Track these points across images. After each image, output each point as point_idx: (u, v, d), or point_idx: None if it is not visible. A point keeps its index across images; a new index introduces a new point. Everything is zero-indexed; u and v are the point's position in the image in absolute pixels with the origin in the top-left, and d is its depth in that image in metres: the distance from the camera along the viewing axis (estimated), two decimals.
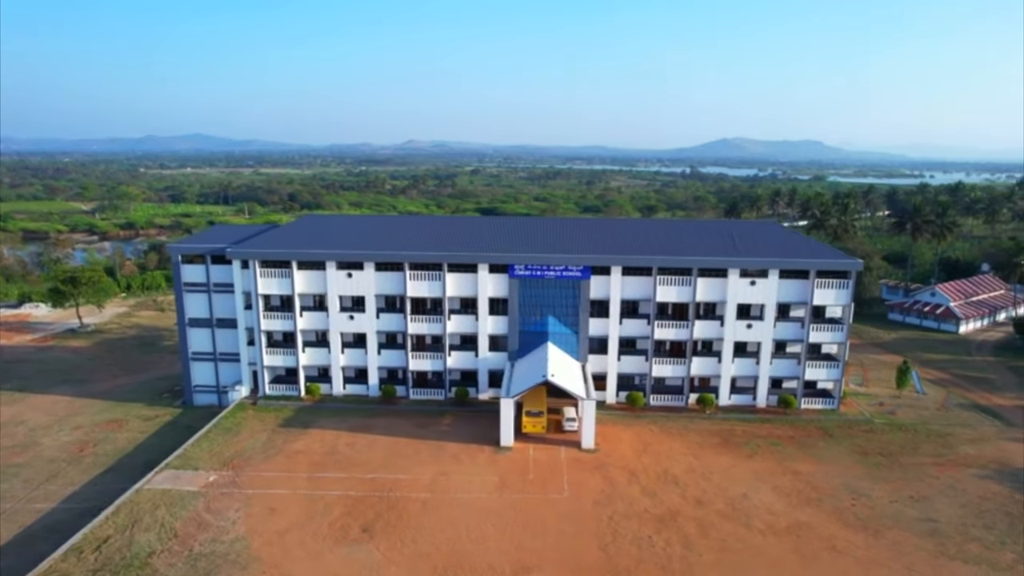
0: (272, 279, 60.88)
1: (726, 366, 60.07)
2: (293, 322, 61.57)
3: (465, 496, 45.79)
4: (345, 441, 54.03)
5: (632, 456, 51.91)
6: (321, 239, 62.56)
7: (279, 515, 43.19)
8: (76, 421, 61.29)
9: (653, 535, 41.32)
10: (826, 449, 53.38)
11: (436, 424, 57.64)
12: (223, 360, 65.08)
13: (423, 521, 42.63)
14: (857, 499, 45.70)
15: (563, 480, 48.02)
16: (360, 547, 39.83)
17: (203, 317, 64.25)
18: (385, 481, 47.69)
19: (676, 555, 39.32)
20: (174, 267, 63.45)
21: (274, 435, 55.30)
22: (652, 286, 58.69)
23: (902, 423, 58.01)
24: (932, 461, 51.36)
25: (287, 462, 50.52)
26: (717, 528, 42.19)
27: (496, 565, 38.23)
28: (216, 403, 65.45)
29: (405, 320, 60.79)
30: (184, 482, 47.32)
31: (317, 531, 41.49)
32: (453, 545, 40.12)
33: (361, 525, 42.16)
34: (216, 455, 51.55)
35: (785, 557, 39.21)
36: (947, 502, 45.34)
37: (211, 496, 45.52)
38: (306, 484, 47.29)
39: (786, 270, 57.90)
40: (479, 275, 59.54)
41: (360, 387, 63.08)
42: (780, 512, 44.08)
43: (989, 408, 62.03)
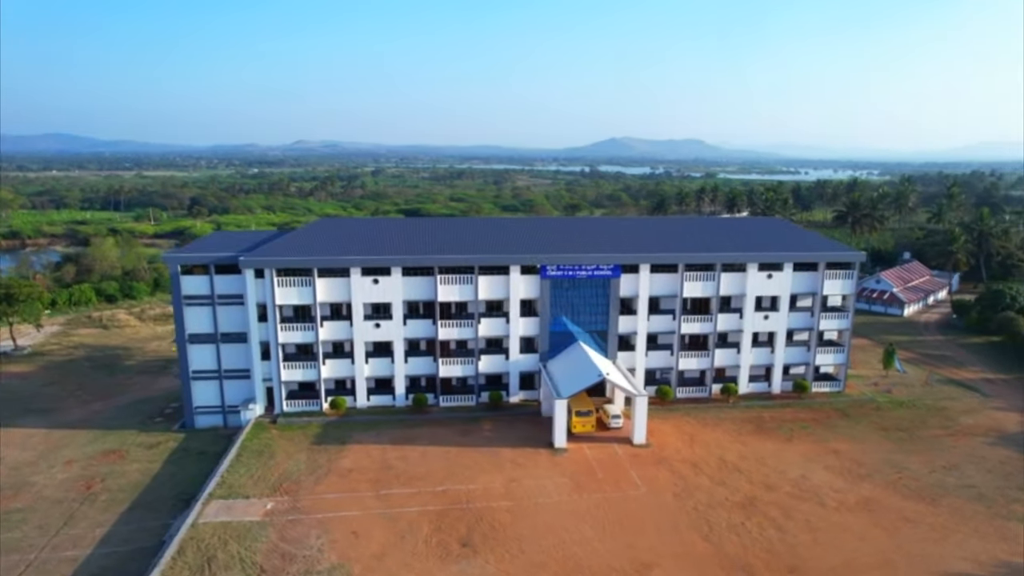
0: (291, 288, 57.17)
1: (745, 356, 63.03)
2: (314, 333, 58.14)
3: (547, 500, 45.35)
4: (394, 455, 51.82)
5: (684, 448, 53.40)
6: (340, 244, 59.36)
7: (366, 538, 40.87)
8: (63, 455, 54.71)
9: (744, 521, 42.85)
10: (850, 428, 57.36)
11: (478, 431, 56.48)
12: (229, 378, 60.33)
13: (519, 530, 41.82)
14: (900, 472, 49.55)
15: (633, 476, 48.65)
16: (469, 563, 38.52)
17: (206, 332, 59.24)
18: (458, 492, 46.28)
19: (774, 538, 41.03)
20: (172, 279, 58.05)
21: (313, 454, 52.07)
22: (679, 282, 60.50)
23: (901, 400, 63.33)
24: (944, 433, 56.52)
25: (343, 482, 47.78)
26: (796, 509, 44.37)
27: (616, 566, 38.25)
28: (221, 424, 60.62)
29: (435, 326, 59.04)
30: (240, 512, 43.64)
31: (416, 551, 39.68)
32: (562, 551, 39.69)
33: (458, 540, 40.75)
34: (260, 480, 47.88)
35: (869, 531, 41.89)
36: (975, 468, 50.13)
37: (279, 525, 42.31)
38: (377, 503, 45.00)
39: (798, 263, 61.60)
40: (511, 277, 58.89)
41: (384, 398, 60.57)
42: (843, 489, 46.99)
43: (962, 382, 68.95)
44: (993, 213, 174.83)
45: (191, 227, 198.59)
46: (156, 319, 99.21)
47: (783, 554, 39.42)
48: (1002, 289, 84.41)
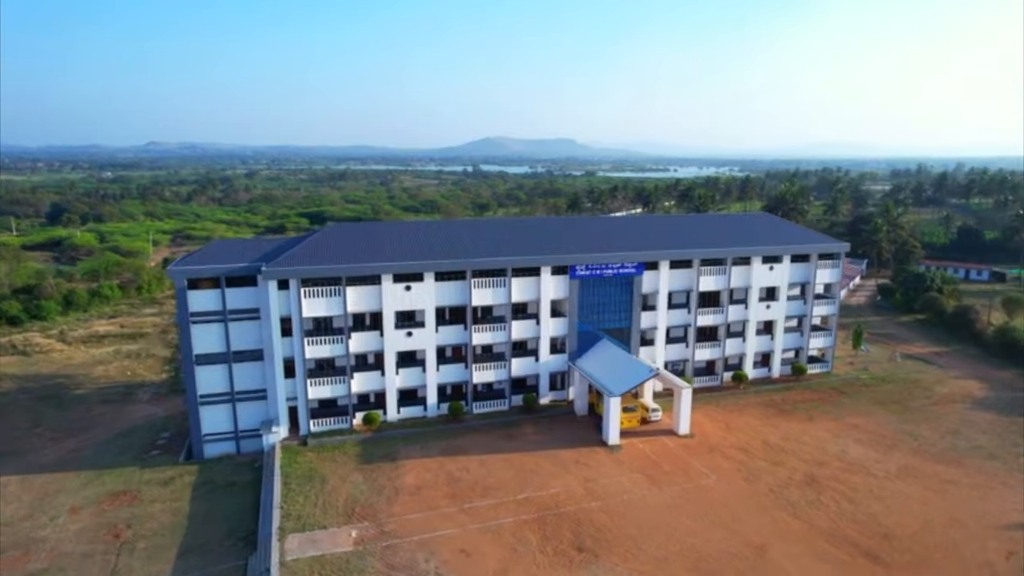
0: (318, 299, 53.36)
1: (750, 344, 66.96)
2: (344, 345, 54.65)
3: (632, 497, 45.87)
4: (454, 467, 50.03)
5: (725, 434, 55.92)
6: (364, 251, 56.01)
7: (479, 555, 39.35)
8: (61, 503, 47.74)
9: (818, 497, 45.79)
10: (853, 404, 62.69)
11: (521, 435, 55.77)
12: (242, 400, 55.33)
13: (624, 529, 42.04)
14: (917, 440, 55.02)
15: (697, 466, 50.32)
16: (597, 567, 38.26)
17: (216, 352, 53.93)
18: (542, 499, 45.63)
19: (852, 510, 44.21)
20: (178, 294, 52.24)
21: (367, 474, 49.05)
22: (695, 277, 63.14)
23: (881, 376, 70.04)
24: (929, 402, 63.28)
25: (418, 500, 45.49)
26: (852, 482, 48.02)
27: (734, 551, 39.59)
28: (234, 451, 55.51)
29: (468, 331, 57.52)
30: (327, 544, 40.41)
31: (538, 562, 38.79)
32: (676, 543, 40.44)
33: (572, 546, 40.31)
34: (328, 508, 44.50)
35: (923, 495, 46.24)
36: (972, 432, 56.66)
37: (377, 552, 39.65)
38: (466, 517, 43.35)
39: (795, 255, 66.35)
40: (542, 278, 58.64)
41: (415, 409, 58.13)
42: (881, 460, 51.44)
43: (918, 356, 77.35)
44: (857, 205, 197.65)
45: (70, 237, 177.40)
46: (85, 341, 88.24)
47: (868, 523, 42.62)
48: (923, 273, 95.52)
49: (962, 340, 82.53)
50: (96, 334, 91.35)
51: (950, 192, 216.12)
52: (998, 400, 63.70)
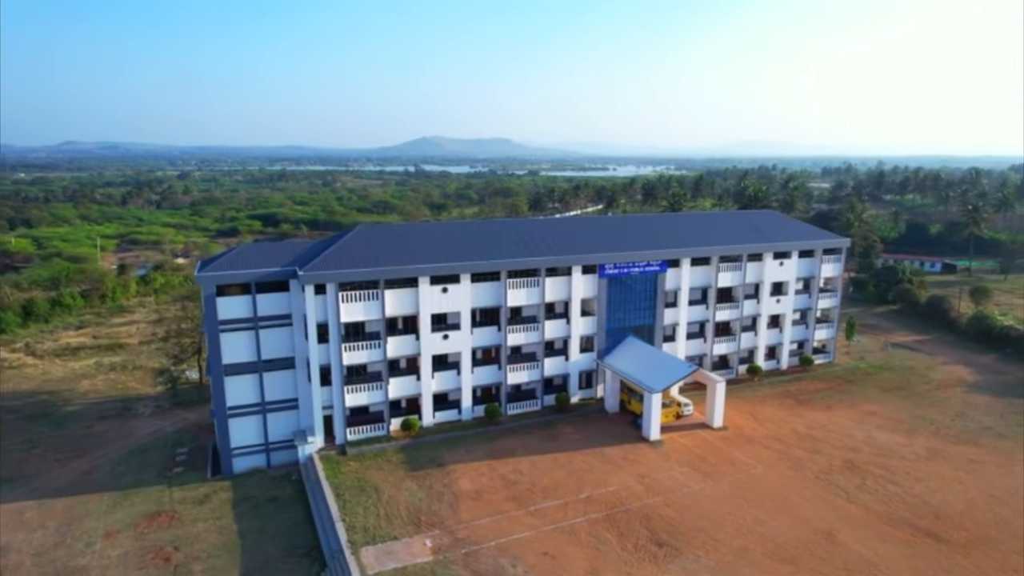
0: (356, 304, 51.79)
1: (762, 337, 69.12)
2: (381, 350, 53.22)
3: (690, 491, 46.64)
4: (506, 470, 49.58)
5: (756, 425, 57.55)
6: (399, 253, 54.56)
7: (563, 557, 39.21)
8: (91, 527, 44.70)
9: (864, 481, 47.79)
10: (862, 392, 65.65)
11: (561, 435, 55.77)
12: (273, 410, 53.18)
13: (694, 522, 42.71)
14: (932, 423, 58.16)
15: (741, 457, 51.62)
16: (683, 560, 38.76)
17: (246, 361, 51.63)
18: (604, 496, 45.81)
19: (898, 491, 46.35)
20: (206, 301, 49.69)
21: (420, 481, 47.99)
22: (714, 274, 64.71)
23: (878, 364, 73.61)
24: (929, 387, 66.96)
25: (481, 504, 44.87)
26: (889, 465, 50.36)
27: (805, 538, 40.85)
28: (264, 465, 53.29)
29: (502, 332, 57.07)
30: (405, 555, 39.37)
31: (624, 559, 38.98)
32: (749, 533, 41.39)
33: (651, 541, 40.69)
34: (392, 517, 43.33)
35: (957, 475, 48.93)
36: (977, 413, 60.32)
37: (460, 561, 38.92)
38: (536, 520, 43.05)
39: (802, 251, 68.93)
40: (573, 277, 58.80)
41: (450, 413, 57.23)
42: (906, 444, 54.13)
43: (904, 345, 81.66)
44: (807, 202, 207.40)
45: (3, 244, 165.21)
46: (59, 354, 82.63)
47: (917, 504, 44.81)
48: (895, 266, 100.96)
49: (939, 328, 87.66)
50: (68, 347, 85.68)
51: (886, 189, 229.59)
52: (989, 383, 68.04)
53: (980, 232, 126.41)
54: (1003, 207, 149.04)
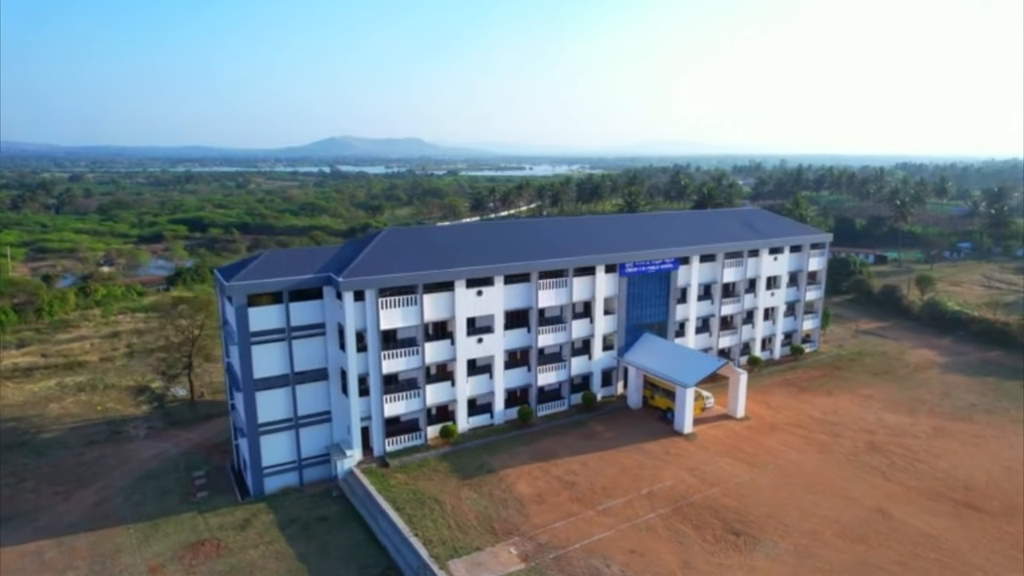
0: (395, 310, 50.02)
1: (758, 329, 72.29)
2: (420, 357, 51.66)
3: (741, 479, 48.21)
4: (558, 471, 49.40)
5: (773, 413, 60.11)
6: (433, 256, 53.07)
7: (651, 552, 39.66)
8: (129, 563, 41.10)
9: (892, 461, 51.02)
10: (854, 377, 69.93)
11: (596, 433, 56.16)
12: (306, 424, 50.57)
13: (759, 509, 44.19)
14: (926, 403, 62.76)
15: (773, 445, 53.80)
16: (763, 546, 40.07)
17: (278, 374, 48.84)
18: (664, 491, 46.58)
19: (925, 468, 49.80)
20: (238, 312, 46.53)
21: (477, 488, 47.01)
22: (719, 269, 67.06)
23: (857, 351, 78.58)
24: (909, 370, 72.22)
25: (549, 508, 44.51)
26: (905, 443, 54.03)
27: (863, 516, 43.18)
28: (297, 483, 50.57)
29: (531, 334, 56.78)
30: (496, 565, 38.60)
31: (708, 550, 39.86)
32: (812, 516, 43.21)
33: (727, 531, 41.81)
34: (464, 528, 42.28)
35: (965, 449, 53.14)
36: (960, 392, 65.63)
37: (551, 566, 38.56)
38: (609, 519, 43.21)
39: (792, 245, 72.62)
40: (597, 276, 59.32)
41: (482, 417, 56.36)
42: (913, 423, 58.20)
43: (870, 332, 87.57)
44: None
45: None
46: (8, 376, 74.74)
47: (946, 479, 48.34)
48: (847, 258, 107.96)
49: (895, 315, 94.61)
50: (18, 367, 77.69)
51: (803, 187, 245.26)
52: (957, 364, 74.23)
53: (907, 226, 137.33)
54: (915, 203, 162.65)
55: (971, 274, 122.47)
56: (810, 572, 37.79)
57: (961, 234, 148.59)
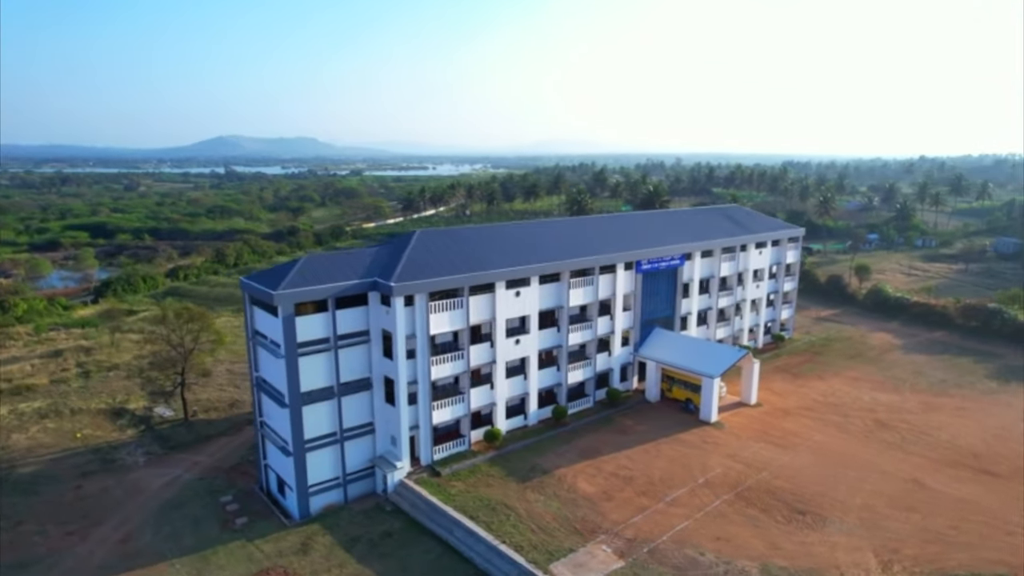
0: (443, 314, 48.64)
1: (746, 319, 76.09)
2: (465, 362, 50.50)
3: (782, 462, 50.73)
4: (612, 467, 49.94)
5: (781, 399, 63.50)
6: (472, 257, 51.77)
7: (737, 538, 41.10)
8: None
9: (903, 436, 55.37)
10: (833, 361, 75.07)
11: (628, 428, 57.09)
12: (350, 438, 48.20)
13: (808, 488, 46.70)
14: (905, 382, 68.39)
15: (794, 428, 56.93)
16: (830, 522, 42.51)
17: (323, 387, 46.27)
18: (719, 478, 48.27)
19: (932, 440, 54.45)
20: (285, 323, 43.60)
21: (540, 490, 46.65)
22: (717, 264, 70.03)
23: (824, 337, 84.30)
24: (877, 353, 78.48)
25: (622, 504, 44.94)
26: (906, 419, 58.82)
27: (904, 487, 46.72)
28: (341, 500, 48.13)
29: (563, 333, 56.93)
30: (598, 564, 38.69)
31: (784, 530, 41.86)
32: (861, 492, 46.25)
33: (792, 511, 44.00)
34: (548, 531, 41.94)
35: (955, 421, 58.52)
36: (928, 370, 72.12)
37: (648, 560, 39.08)
38: (681, 509, 44.25)
39: (773, 240, 77.02)
40: (617, 274, 60.30)
41: (517, 419, 55.86)
42: (901, 400, 63.35)
43: (826, 319, 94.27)
44: None
45: None
46: None
47: (954, 449, 53.16)
48: None
49: (841, 303, 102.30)
50: None
51: (714, 183, 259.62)
52: (912, 345, 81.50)
53: (830, 220, 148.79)
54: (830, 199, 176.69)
55: (888, 263, 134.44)
56: (885, 542, 40.56)
57: (869, 227, 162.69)
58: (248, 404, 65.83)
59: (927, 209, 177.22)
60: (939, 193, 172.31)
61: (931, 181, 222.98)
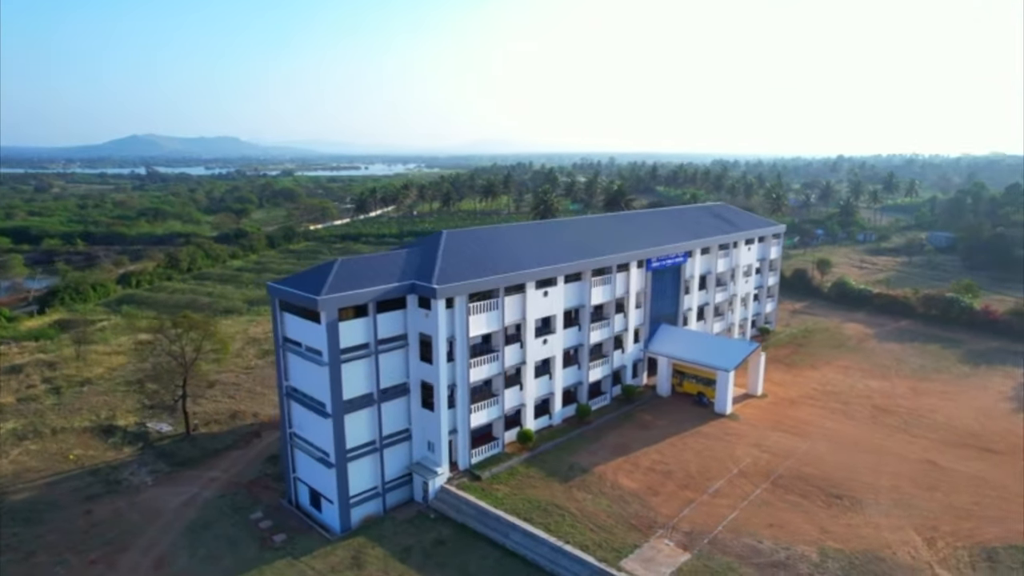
0: (480, 315, 48.00)
1: (737, 313, 78.61)
2: (500, 363, 49.98)
3: (803, 449, 52.73)
4: (646, 463, 50.63)
5: (783, 390, 65.93)
6: (502, 257, 51.16)
7: (789, 523, 42.60)
8: None
9: (904, 420, 58.63)
10: (818, 352, 78.51)
11: (649, 423, 57.93)
12: (389, 445, 46.91)
13: (835, 473, 48.83)
14: (889, 369, 72.32)
15: (804, 417, 59.26)
16: (868, 505, 44.57)
17: (363, 394, 44.84)
18: (750, 468, 49.71)
19: (928, 422, 57.88)
20: (329, 329, 41.95)
21: (584, 489, 46.77)
22: (714, 261, 72.05)
23: (803, 328, 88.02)
24: (856, 342, 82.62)
25: (667, 498, 45.70)
26: (901, 404, 62.27)
27: (922, 468, 49.51)
28: (380, 511, 46.78)
29: (584, 332, 57.21)
30: (667, 557, 39.28)
31: (831, 514, 43.58)
32: (884, 474, 48.72)
33: (828, 496, 45.89)
34: (606, 528, 42.20)
35: (944, 404, 62.37)
36: (905, 356, 76.50)
37: (713, 551, 39.90)
38: (726, 500, 45.38)
39: (760, 236, 79.90)
40: (631, 272, 61.10)
41: (543, 419, 55.74)
42: (891, 386, 66.99)
43: (800, 311, 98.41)
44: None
45: None
46: None
47: (951, 429, 56.66)
48: None
49: (807, 295, 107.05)
50: None
51: (658, 182, 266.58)
52: (884, 334, 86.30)
53: (785, 217, 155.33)
54: (768, 195, 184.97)
55: (837, 257, 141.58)
56: (922, 521, 42.88)
57: (812, 223, 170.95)
58: (249, 415, 63.08)
59: (862, 206, 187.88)
60: (877, 191, 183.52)
61: (860, 179, 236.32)
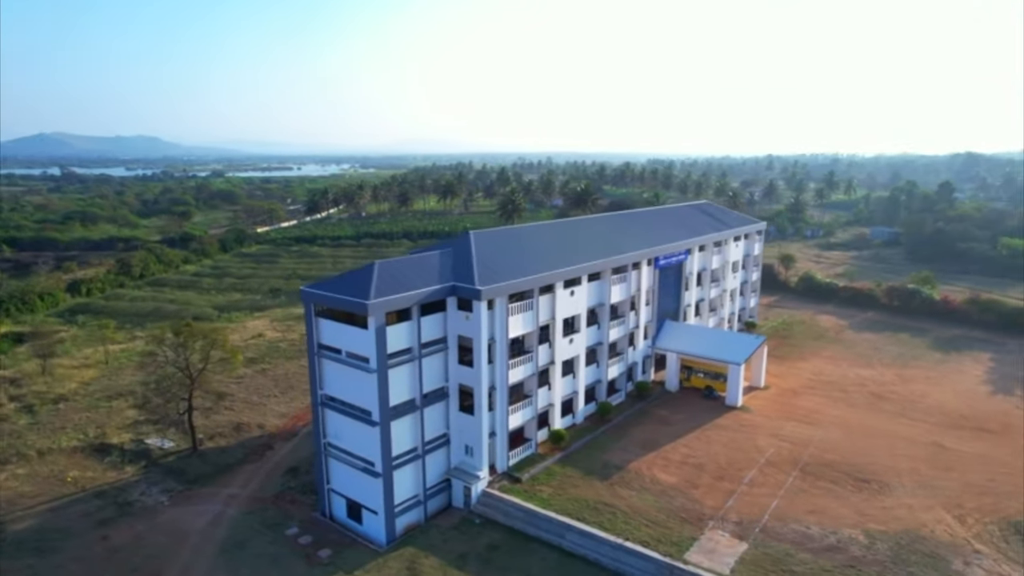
0: (518, 316, 47.61)
1: (727, 308, 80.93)
2: (534, 364, 49.71)
3: (820, 437, 54.82)
4: (676, 456, 51.51)
5: (783, 381, 68.30)
6: (532, 257, 50.71)
7: (827, 508, 44.14)
8: None
9: (899, 406, 61.80)
10: (804, 341, 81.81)
11: (667, 418, 58.87)
12: (430, 451, 45.96)
13: (855, 458, 50.99)
14: (872, 358, 75.98)
15: (810, 406, 61.60)
16: (895, 488, 46.79)
17: (407, 400, 43.79)
18: (777, 457, 51.29)
19: (924, 407, 61.22)
20: (378, 333, 40.69)
21: (625, 486, 47.17)
22: (709, 257, 73.94)
23: (782, 321, 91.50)
24: (834, 334, 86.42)
25: (708, 490, 46.62)
26: (894, 391, 65.60)
27: (930, 451, 52.30)
28: (422, 519, 45.79)
29: (604, 330, 57.62)
30: (726, 547, 40.11)
31: (864, 498, 45.49)
32: (900, 456, 51.24)
33: (856, 480, 47.91)
34: (660, 524, 42.69)
35: (930, 389, 66.17)
36: (883, 345, 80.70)
37: (766, 539, 40.98)
38: (763, 489, 46.67)
39: (746, 233, 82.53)
40: (642, 270, 61.94)
41: (566, 419, 55.76)
42: (880, 373, 70.52)
43: (773, 305, 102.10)
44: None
45: None
46: None
47: (944, 413, 60.08)
48: None
49: (776, 290, 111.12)
50: None
51: (605, 181, 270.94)
52: (857, 325, 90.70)
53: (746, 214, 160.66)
54: (719, 193, 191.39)
55: (791, 252, 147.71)
56: (947, 499, 45.38)
57: (763, 219, 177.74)
58: (254, 427, 60.48)
59: (807, 203, 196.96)
60: (822, 189, 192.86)
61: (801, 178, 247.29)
